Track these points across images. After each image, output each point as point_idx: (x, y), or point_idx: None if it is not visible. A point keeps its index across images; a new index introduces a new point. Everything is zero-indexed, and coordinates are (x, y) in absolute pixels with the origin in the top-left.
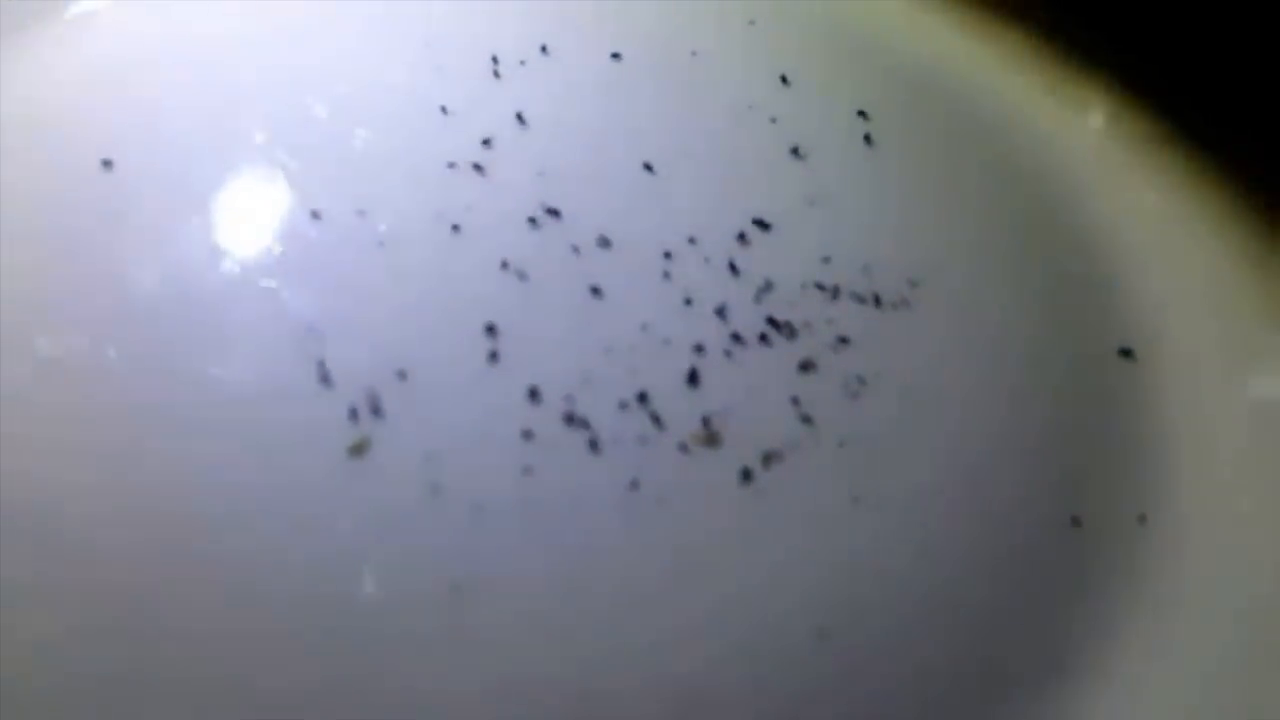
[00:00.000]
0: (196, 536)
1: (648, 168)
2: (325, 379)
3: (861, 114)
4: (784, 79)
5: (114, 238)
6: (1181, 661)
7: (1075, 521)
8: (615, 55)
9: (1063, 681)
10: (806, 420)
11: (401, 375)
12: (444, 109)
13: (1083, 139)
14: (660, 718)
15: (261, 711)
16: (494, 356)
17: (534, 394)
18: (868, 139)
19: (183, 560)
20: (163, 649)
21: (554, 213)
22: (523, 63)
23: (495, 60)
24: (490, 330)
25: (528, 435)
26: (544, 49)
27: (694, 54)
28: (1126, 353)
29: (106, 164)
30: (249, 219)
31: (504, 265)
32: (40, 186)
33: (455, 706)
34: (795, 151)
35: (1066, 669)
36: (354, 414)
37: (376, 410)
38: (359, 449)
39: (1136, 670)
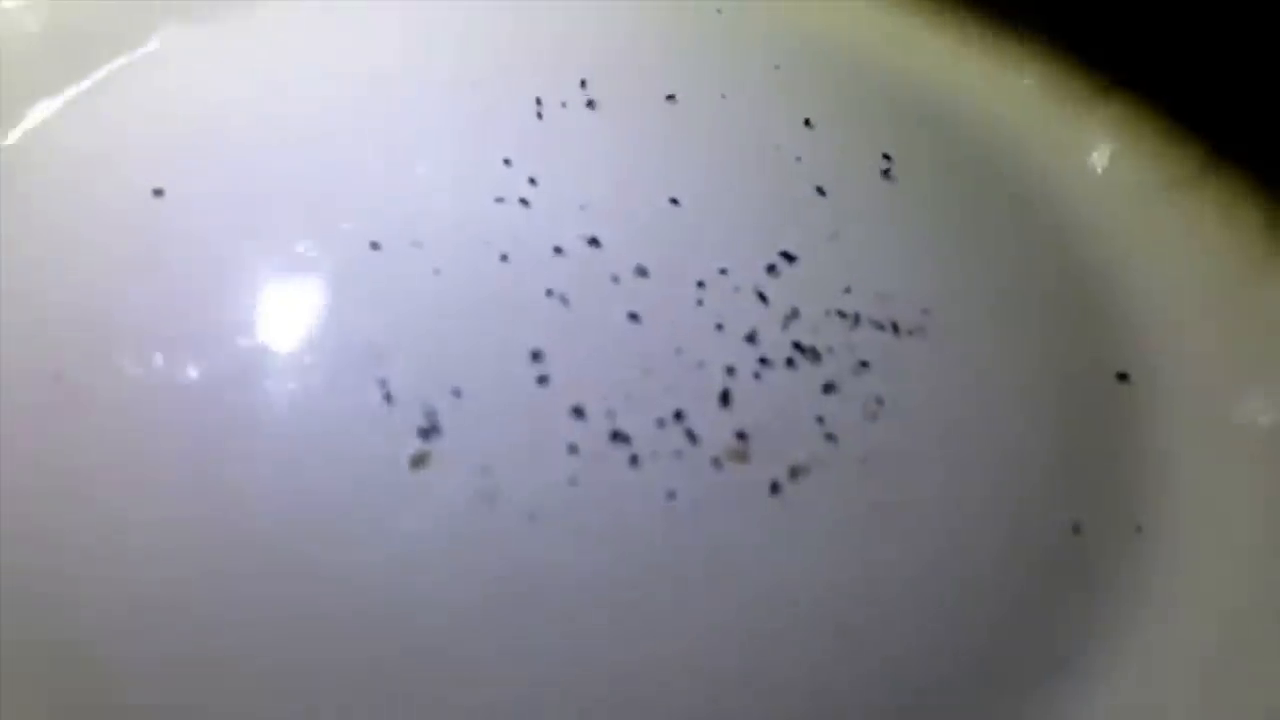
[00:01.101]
0: (273, 541)
1: (681, 203)
2: (388, 397)
3: (881, 154)
4: (807, 121)
5: (190, 267)
6: (1172, 658)
7: (1076, 529)
8: (649, 99)
9: (1063, 675)
10: (830, 437)
11: (457, 393)
12: (491, 147)
13: (1087, 180)
14: (694, 704)
15: (334, 694)
16: (542, 378)
17: (579, 411)
18: (886, 175)
19: (258, 561)
20: (244, 637)
21: (595, 244)
22: (564, 104)
23: (539, 102)
24: (537, 353)
25: (573, 449)
26: (584, 91)
27: (723, 97)
28: (1123, 377)
29: (175, 195)
30: (313, 249)
31: (549, 293)
32: (118, 216)
33: (508, 693)
34: (818, 190)
35: (1066, 663)
36: (415, 430)
37: (435, 426)
38: (420, 461)
39: (1131, 665)
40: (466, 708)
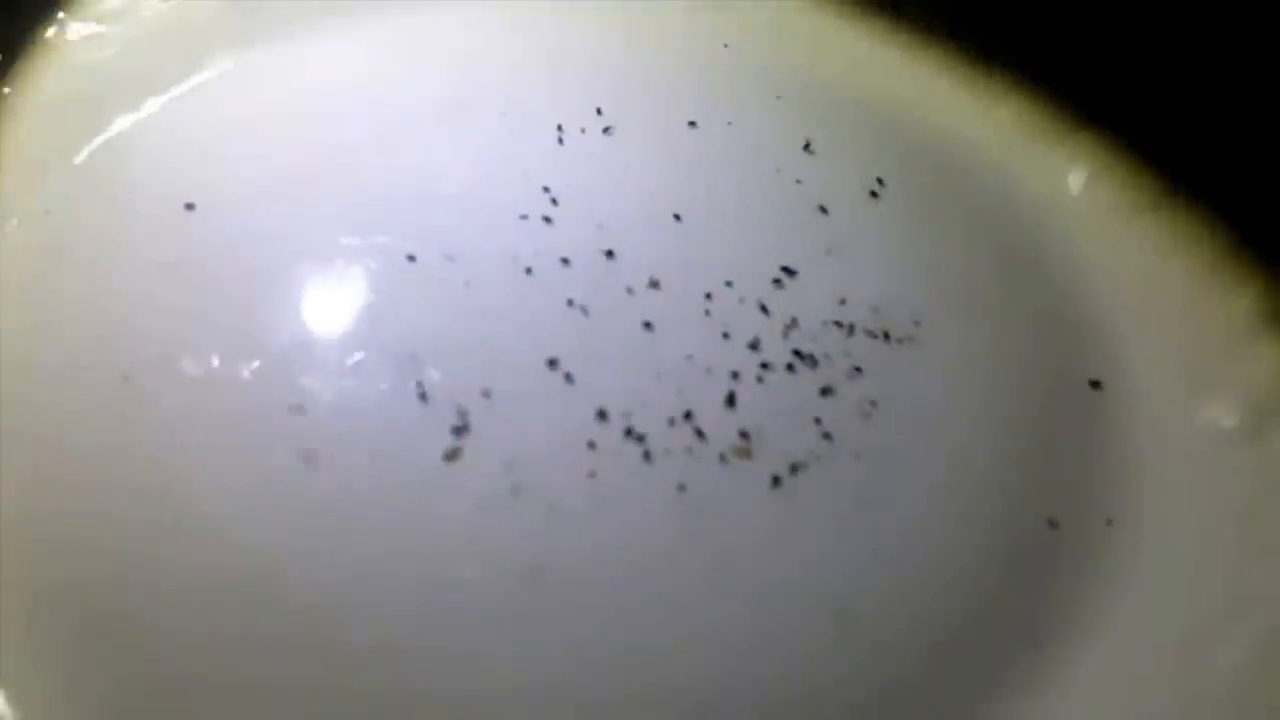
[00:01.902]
0: (319, 524)
1: (690, 221)
2: (423, 397)
3: (875, 178)
4: (807, 146)
5: (244, 279)
6: (1139, 637)
7: (1052, 523)
8: (661, 125)
9: (1038, 653)
10: (826, 436)
11: (486, 394)
12: (517, 169)
13: (1063, 204)
14: (700, 677)
15: (371, 668)
16: (563, 379)
17: (600, 413)
18: (878, 196)
19: (305, 542)
20: (290, 612)
21: (611, 257)
22: (583, 130)
23: (560, 129)
24: (559, 358)
25: (592, 446)
26: (601, 119)
27: (729, 124)
28: (1095, 384)
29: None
30: (355, 262)
31: (570, 303)
32: (180, 232)
33: (530, 667)
34: (818, 209)
35: (1041, 643)
36: (448, 427)
37: (466, 424)
38: (452, 456)
39: (1101, 644)
40: (493, 675)
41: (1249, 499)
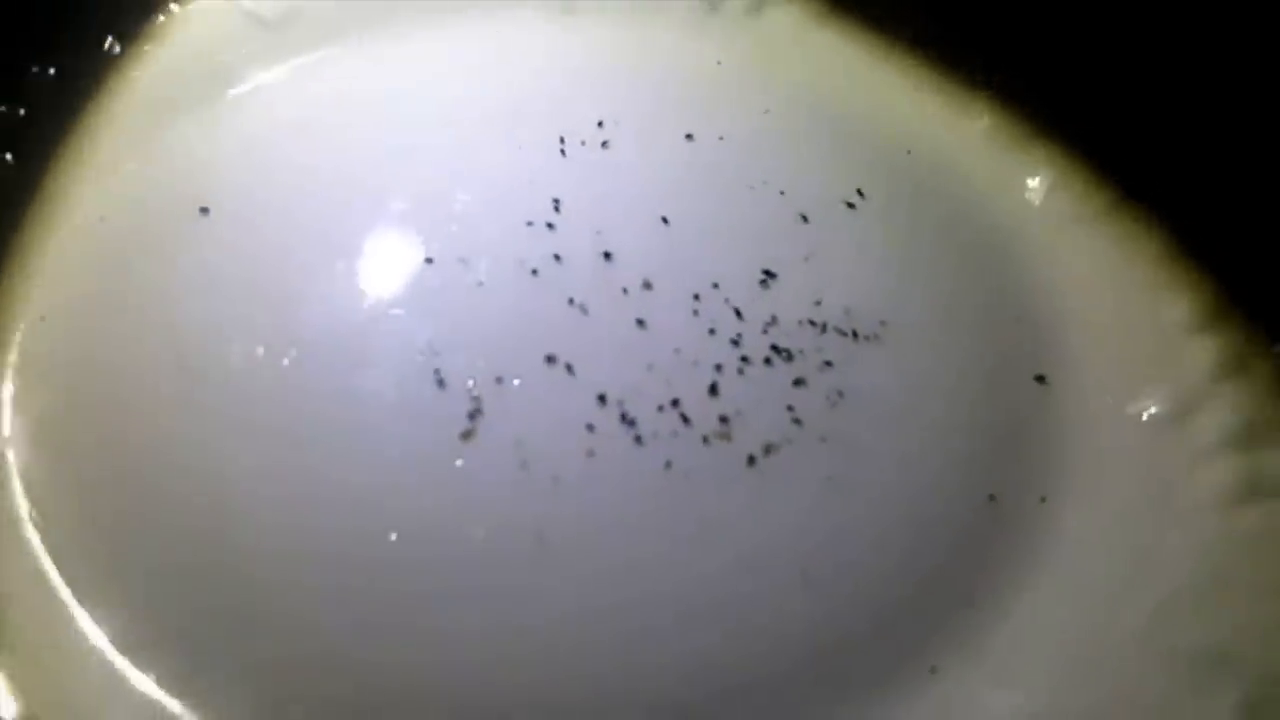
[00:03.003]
0: (351, 494)
1: (681, 228)
2: (441, 383)
3: (855, 190)
4: (791, 158)
5: (283, 277)
6: (1058, 597)
7: (992, 499)
8: (657, 138)
9: (975, 609)
10: (797, 421)
11: (499, 381)
12: (523, 179)
13: (1025, 209)
14: (682, 634)
15: (390, 616)
16: (564, 369)
17: (597, 399)
18: (856, 207)
19: (339, 508)
20: (327, 567)
21: (608, 260)
22: (583, 143)
23: (562, 141)
24: (559, 351)
25: (590, 428)
26: (601, 132)
27: (721, 138)
28: (1040, 378)
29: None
30: (380, 265)
31: (570, 301)
32: (223, 238)
33: (536, 627)
34: (799, 218)
35: (979, 601)
36: (464, 411)
37: (479, 409)
38: (467, 435)
39: (1027, 602)
40: (501, 621)
41: (1165, 479)
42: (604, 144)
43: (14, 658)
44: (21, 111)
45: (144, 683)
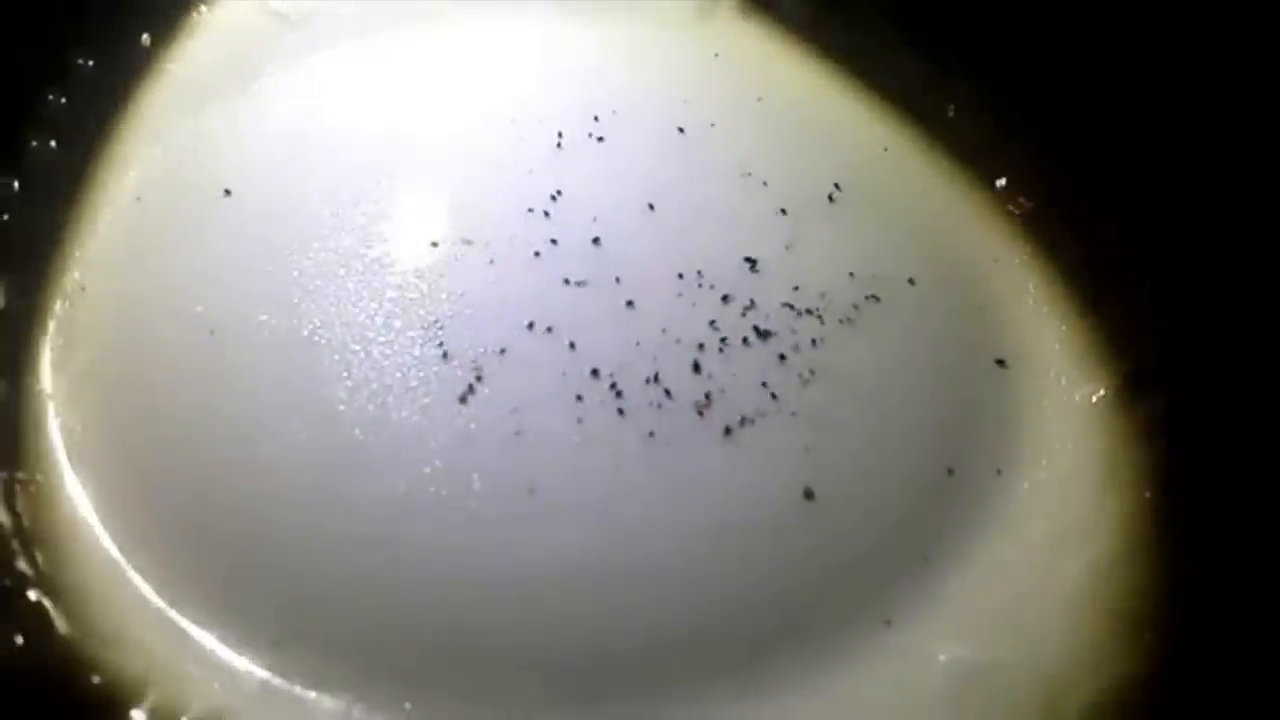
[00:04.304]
0: (360, 446)
1: (670, 216)
2: (445, 356)
3: (833, 183)
4: (774, 153)
5: (300, 255)
6: (1004, 556)
7: (950, 471)
8: (650, 131)
9: (928, 565)
10: (773, 397)
11: (501, 352)
12: (525, 168)
13: (990, 206)
14: (661, 587)
15: (405, 556)
16: (558, 344)
17: (590, 372)
18: (834, 200)
19: (354, 458)
20: (343, 513)
21: (601, 245)
22: (578, 136)
23: (560, 135)
24: (558, 327)
25: (580, 399)
26: (597, 125)
27: (711, 129)
28: (1000, 362)
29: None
30: (390, 246)
31: (566, 281)
32: (249, 217)
33: (531, 568)
34: (780, 210)
35: (931, 558)
36: (466, 378)
37: (480, 376)
38: (465, 400)
39: (977, 559)
40: (496, 564)
41: (1106, 455)
42: (599, 138)
43: (59, 596)
44: (64, 100)
45: (180, 620)
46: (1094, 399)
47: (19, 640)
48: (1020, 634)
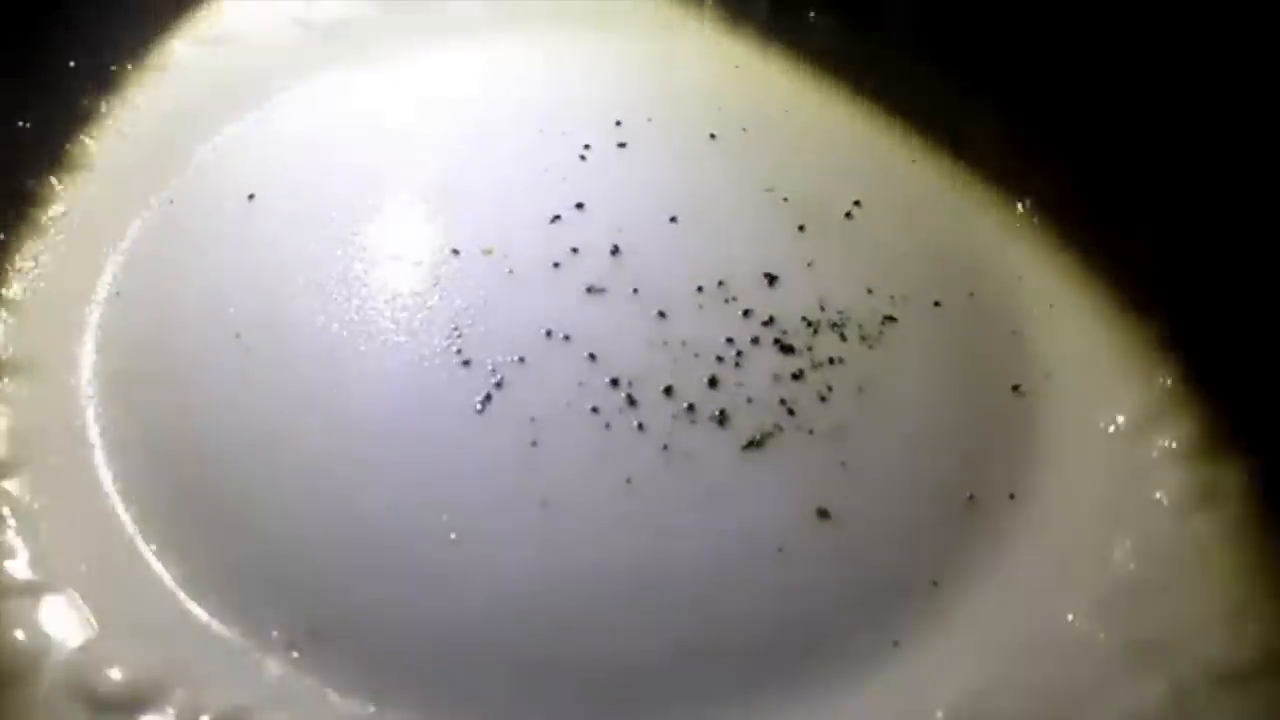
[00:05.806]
0: (381, 451)
1: (692, 229)
2: (466, 363)
3: (853, 201)
4: (796, 169)
5: (324, 263)
6: (1016, 581)
7: (964, 493)
8: (675, 142)
9: (939, 590)
10: (790, 413)
11: (520, 361)
12: (547, 178)
13: (1013, 227)
14: (673, 586)
15: (418, 567)
16: (577, 354)
17: (609, 382)
18: (853, 217)
19: (374, 461)
20: (357, 504)
21: (624, 255)
22: (605, 147)
23: (585, 146)
24: (578, 336)
25: (596, 410)
26: (620, 133)
27: (744, 129)
28: (1016, 388)
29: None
30: (411, 252)
31: (587, 290)
32: (271, 227)
33: (542, 578)
34: (799, 226)
35: (941, 582)
36: (485, 385)
37: (499, 384)
38: (484, 408)
39: (987, 584)
40: (507, 576)
41: (1123, 484)
42: (622, 147)
43: (85, 587)
44: (103, 106)
45: (198, 611)
46: (1111, 427)
47: (40, 634)
48: (1028, 660)
